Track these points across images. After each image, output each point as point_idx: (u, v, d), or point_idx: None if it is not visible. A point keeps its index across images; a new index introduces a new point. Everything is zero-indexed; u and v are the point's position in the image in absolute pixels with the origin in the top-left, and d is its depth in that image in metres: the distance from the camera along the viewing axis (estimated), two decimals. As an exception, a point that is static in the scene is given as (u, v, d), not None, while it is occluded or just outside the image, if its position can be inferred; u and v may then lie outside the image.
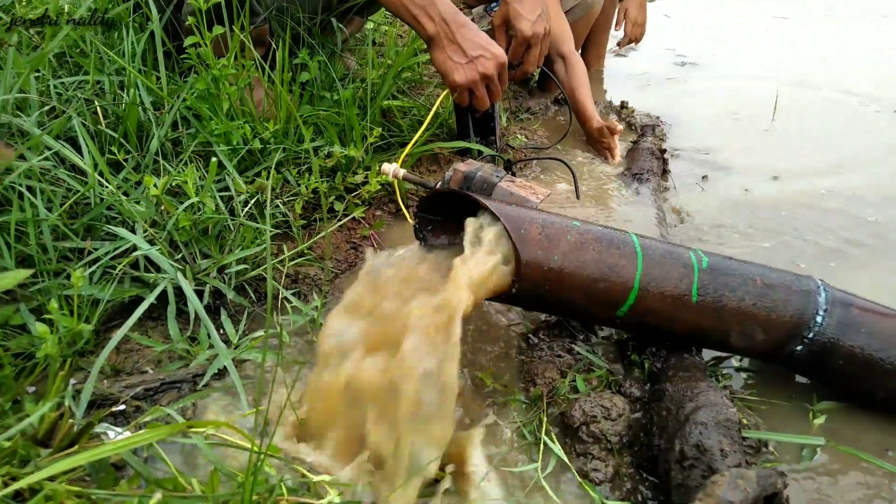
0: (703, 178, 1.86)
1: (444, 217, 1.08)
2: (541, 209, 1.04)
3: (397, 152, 1.63)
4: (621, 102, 2.39)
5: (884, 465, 0.92)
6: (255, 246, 1.22)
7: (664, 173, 1.85)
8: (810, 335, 0.97)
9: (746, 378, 1.11)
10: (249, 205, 1.29)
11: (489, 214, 0.96)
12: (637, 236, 0.99)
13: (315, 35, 1.76)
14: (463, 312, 0.82)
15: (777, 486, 0.72)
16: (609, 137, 1.93)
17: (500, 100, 1.61)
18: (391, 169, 1.37)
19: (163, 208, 1.19)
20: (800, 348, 0.98)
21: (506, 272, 0.94)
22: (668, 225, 1.57)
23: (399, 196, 1.47)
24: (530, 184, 1.13)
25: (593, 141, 1.99)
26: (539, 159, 1.81)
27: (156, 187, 1.14)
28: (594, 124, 1.95)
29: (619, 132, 1.95)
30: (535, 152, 1.89)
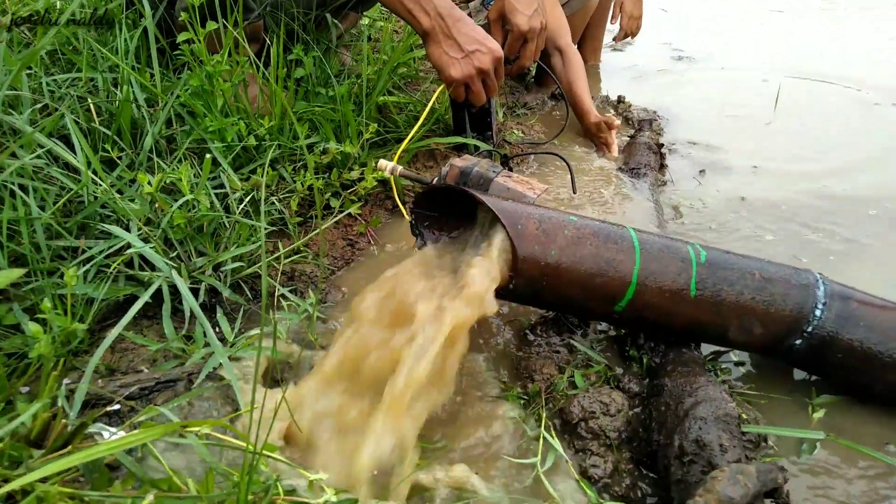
0: (701, 172, 1.85)
1: (441, 213, 1.08)
2: (538, 204, 1.04)
3: (393, 148, 1.62)
4: (618, 97, 2.38)
5: (883, 458, 0.91)
6: (251, 243, 1.21)
7: (661, 168, 1.85)
8: (809, 329, 0.97)
9: (745, 372, 1.11)
10: (245, 202, 1.28)
11: (486, 211, 0.95)
12: (635, 231, 0.99)
13: (310, 31, 1.75)
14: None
15: (777, 480, 0.72)
16: (606, 132, 1.92)
17: (496, 95, 1.60)
18: (387, 165, 1.36)
19: (157, 206, 1.18)
20: (799, 342, 0.98)
21: (503, 268, 0.93)
22: (665, 219, 1.56)
23: (395, 192, 1.46)
24: (527, 179, 1.13)
25: (591, 135, 1.98)
26: (536, 154, 1.80)
27: (150, 185, 1.13)
28: (591, 119, 1.94)
29: (617, 127, 1.94)
30: (532, 147, 1.88)
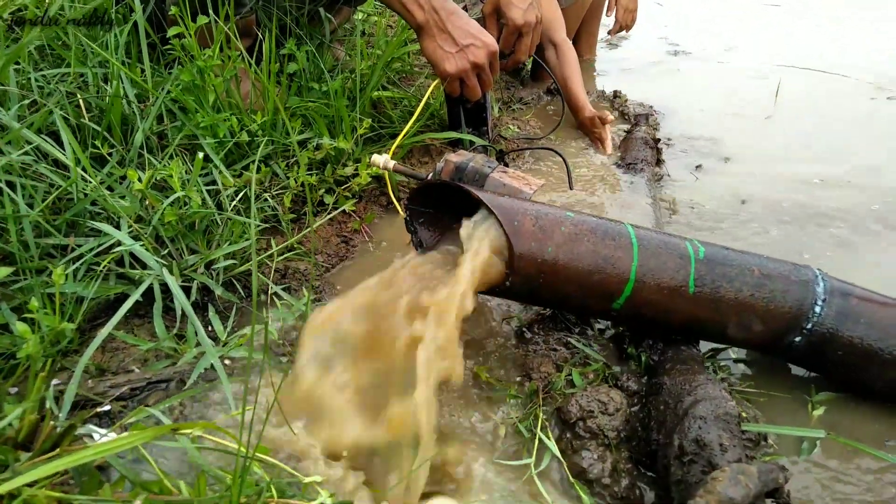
0: (698, 167, 1.84)
1: (436, 209, 1.06)
2: (534, 200, 1.02)
3: (388, 144, 1.61)
4: (614, 91, 2.36)
5: (885, 456, 0.90)
6: (244, 241, 1.19)
7: (658, 163, 1.83)
8: (809, 326, 0.96)
9: (744, 369, 1.10)
10: (237, 199, 1.26)
11: (482, 207, 0.94)
12: (632, 227, 0.97)
13: (302, 25, 1.73)
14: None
15: (779, 480, 0.71)
16: (600, 128, 1.90)
17: (491, 89, 1.59)
18: (382, 161, 1.35)
19: (148, 203, 1.16)
20: (798, 339, 0.97)
21: (499, 265, 0.92)
22: (662, 215, 1.55)
23: (390, 188, 1.44)
24: (523, 174, 1.11)
25: (585, 130, 1.97)
26: (532, 149, 1.79)
27: (140, 181, 1.11)
28: (586, 114, 1.93)
29: (611, 122, 1.92)
30: (528, 142, 1.87)
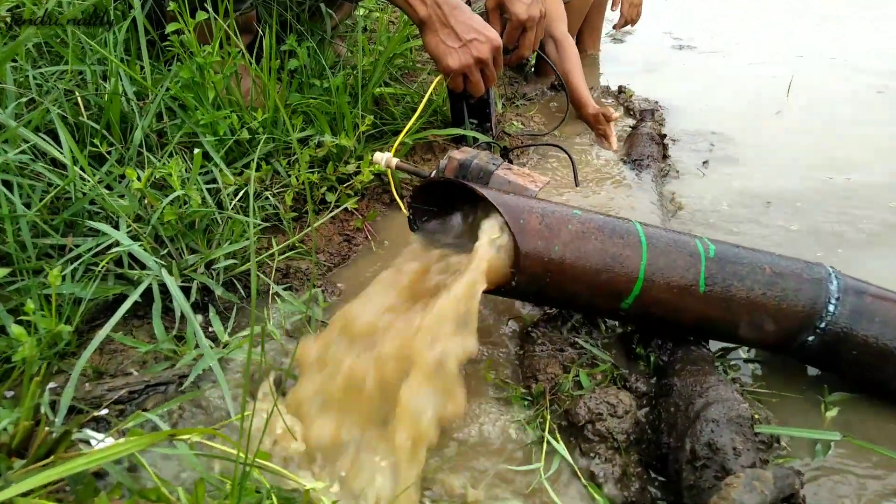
0: (704, 163, 1.81)
1: (440, 207, 1.04)
2: (540, 198, 1.00)
3: (390, 141, 1.58)
4: (619, 87, 2.34)
5: (901, 458, 0.88)
6: (244, 240, 1.17)
7: (664, 159, 1.81)
8: (822, 325, 0.93)
9: (754, 369, 1.07)
10: (238, 197, 1.24)
11: (487, 205, 0.92)
12: (641, 225, 0.95)
13: (303, 21, 1.71)
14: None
15: (795, 486, 0.68)
16: (605, 124, 1.87)
17: (495, 85, 1.56)
18: (384, 158, 1.32)
19: (147, 202, 1.14)
20: (811, 339, 0.94)
21: (505, 264, 0.90)
22: (669, 212, 1.53)
23: (393, 186, 1.42)
24: (528, 171, 1.09)
25: (589, 126, 1.95)
26: (537, 146, 1.76)
27: (139, 180, 1.09)
28: (589, 110, 1.90)
29: (616, 119, 1.89)
30: (532, 139, 1.84)
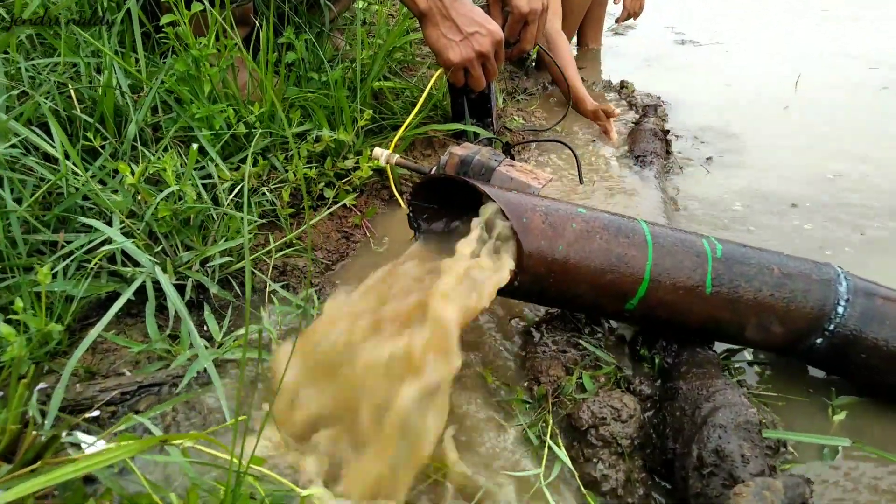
0: (708, 160, 1.79)
1: (441, 205, 1.02)
2: (542, 195, 0.98)
3: (389, 136, 1.56)
4: (621, 82, 2.31)
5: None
6: (240, 237, 1.15)
7: (667, 155, 1.78)
8: (831, 327, 0.91)
9: (759, 371, 1.05)
10: (234, 193, 1.22)
11: (489, 202, 0.89)
12: (647, 223, 0.93)
13: (301, 14, 1.68)
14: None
15: (805, 495, 0.67)
16: (605, 120, 1.86)
17: (496, 79, 1.54)
18: (383, 154, 1.30)
19: (140, 198, 1.11)
20: (820, 341, 0.92)
21: (507, 263, 0.88)
22: (673, 210, 1.50)
23: (392, 182, 1.40)
24: (531, 168, 1.07)
25: (589, 120, 1.93)
26: (540, 142, 1.74)
27: (132, 175, 1.07)
28: (588, 106, 1.89)
29: (617, 115, 1.88)
30: (534, 134, 1.82)
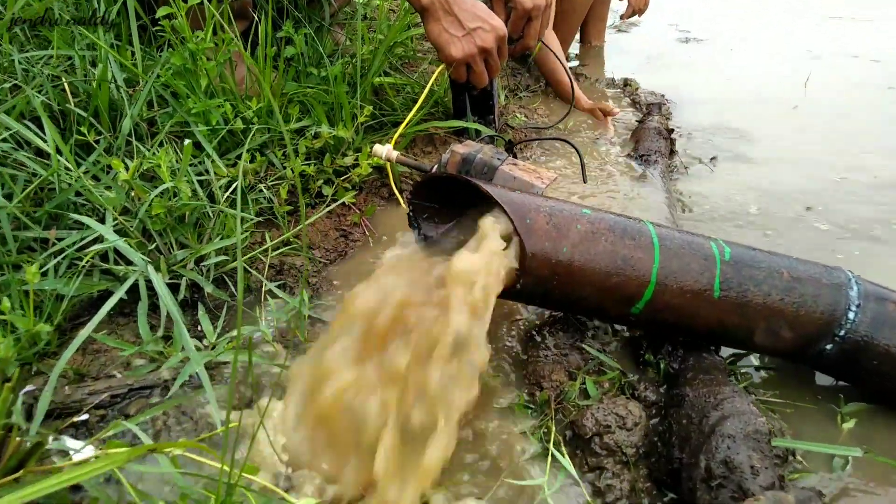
0: (712, 159, 1.76)
1: (441, 204, 0.99)
2: (546, 195, 0.95)
3: (390, 132, 1.53)
4: (624, 79, 2.29)
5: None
6: (236, 234, 1.12)
7: (671, 154, 1.76)
8: (842, 333, 0.89)
9: (766, 377, 1.03)
10: (230, 190, 1.19)
11: (493, 204, 0.87)
12: (653, 225, 0.90)
13: (301, 8, 1.65)
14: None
15: (817, 509, 0.64)
16: (602, 118, 1.87)
17: (498, 76, 1.51)
18: (383, 151, 1.27)
19: (134, 194, 1.09)
20: (830, 347, 0.90)
21: (509, 265, 0.85)
22: (678, 210, 1.48)
23: (392, 180, 1.37)
24: (534, 167, 1.04)
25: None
26: (542, 140, 1.71)
27: (126, 171, 1.04)
28: (584, 105, 1.91)
29: (616, 114, 1.89)
30: (537, 132, 1.79)
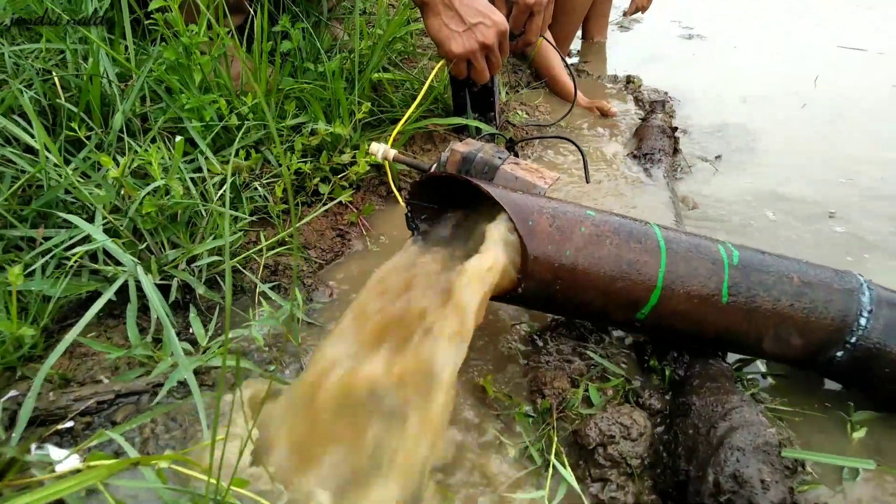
0: (717, 158, 1.73)
1: (441, 205, 0.96)
2: (549, 196, 0.92)
3: (388, 129, 1.50)
4: (627, 76, 2.25)
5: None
6: (231, 234, 1.09)
7: (675, 153, 1.73)
8: (853, 340, 0.86)
9: (773, 384, 1.00)
10: (224, 188, 1.16)
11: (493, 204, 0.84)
12: (659, 228, 0.88)
13: (299, 2, 1.62)
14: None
15: (832, 528, 0.61)
16: (599, 117, 1.87)
17: (499, 72, 1.48)
18: (381, 149, 1.24)
19: (124, 192, 1.06)
20: (841, 354, 0.87)
21: (511, 269, 0.82)
22: (683, 211, 1.44)
23: (390, 178, 1.34)
24: (536, 166, 1.01)
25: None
26: (545, 138, 1.68)
27: (116, 168, 1.01)
28: (581, 102, 1.92)
29: (614, 114, 1.89)
30: (539, 130, 1.76)
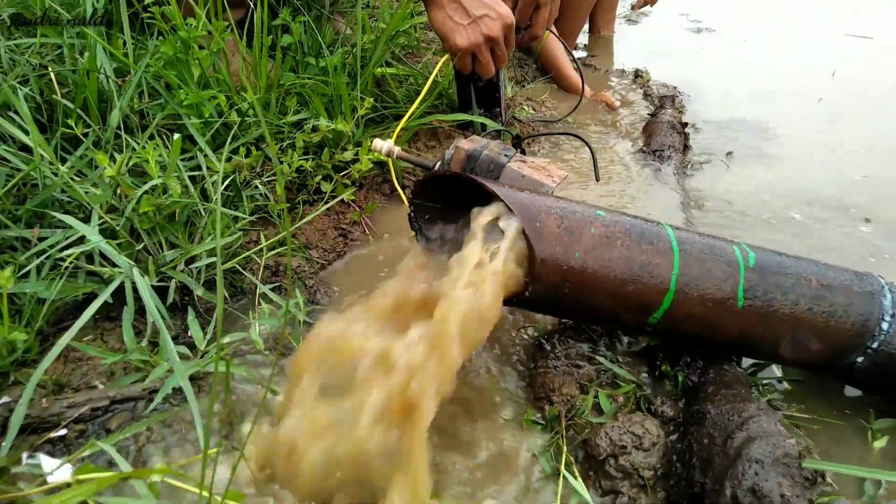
0: (728, 154, 1.69)
1: (446, 204, 0.93)
2: (557, 195, 0.89)
3: (391, 126, 1.47)
4: (635, 70, 2.21)
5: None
6: (230, 234, 1.07)
7: (685, 149, 1.69)
8: (875, 345, 0.83)
9: (789, 389, 0.97)
10: (223, 186, 1.13)
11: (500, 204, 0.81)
12: (672, 228, 0.84)
13: (300, -6, 1.59)
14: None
15: (857, 547, 0.58)
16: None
17: (505, 66, 1.44)
18: (384, 146, 1.21)
19: (120, 191, 1.03)
20: (861, 360, 0.84)
21: (518, 271, 0.79)
22: (694, 209, 1.41)
23: (394, 175, 1.31)
24: (544, 164, 0.98)
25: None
26: (553, 134, 1.64)
27: (112, 166, 0.98)
28: (586, 94, 1.90)
29: (617, 108, 1.90)
30: (545, 126, 1.72)
